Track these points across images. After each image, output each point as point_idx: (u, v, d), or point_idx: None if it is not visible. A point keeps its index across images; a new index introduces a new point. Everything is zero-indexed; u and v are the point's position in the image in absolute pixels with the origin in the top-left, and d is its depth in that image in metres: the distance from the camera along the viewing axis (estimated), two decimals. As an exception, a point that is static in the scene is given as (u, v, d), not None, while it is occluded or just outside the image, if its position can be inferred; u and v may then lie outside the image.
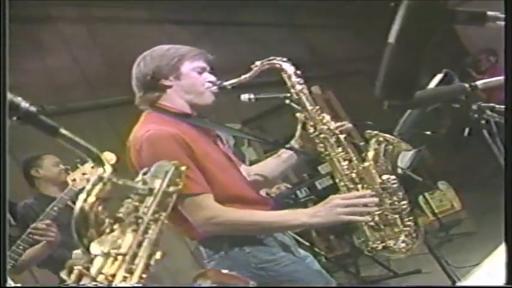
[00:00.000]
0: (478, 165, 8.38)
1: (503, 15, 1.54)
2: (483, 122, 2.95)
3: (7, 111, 1.48)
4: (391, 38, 1.47)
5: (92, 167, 4.39)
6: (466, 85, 2.70)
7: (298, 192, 7.97)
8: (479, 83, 2.71)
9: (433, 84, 2.84)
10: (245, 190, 3.07)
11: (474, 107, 2.89)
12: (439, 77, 2.88)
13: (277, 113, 8.23)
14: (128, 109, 3.19)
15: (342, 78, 12.18)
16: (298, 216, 2.93)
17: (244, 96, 3.34)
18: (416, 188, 7.88)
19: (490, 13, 1.54)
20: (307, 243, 6.63)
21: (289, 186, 6.93)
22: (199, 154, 2.87)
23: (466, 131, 3.13)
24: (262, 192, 3.41)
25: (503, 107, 2.86)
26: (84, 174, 4.51)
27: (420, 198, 8.85)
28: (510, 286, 1.56)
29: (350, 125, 3.17)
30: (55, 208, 4.55)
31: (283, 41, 11.10)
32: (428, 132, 5.67)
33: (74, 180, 4.52)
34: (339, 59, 12.44)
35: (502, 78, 2.72)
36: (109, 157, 3.24)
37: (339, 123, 3.15)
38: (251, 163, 6.45)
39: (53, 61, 7.45)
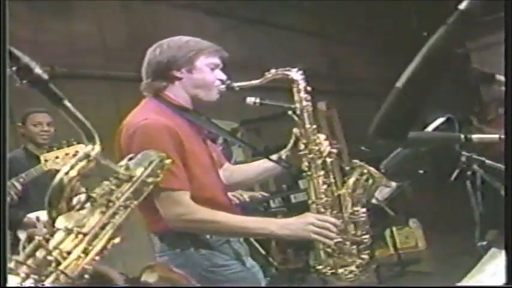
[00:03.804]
0: (454, 210, 8.31)
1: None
2: (469, 173, 2.89)
3: (7, 115, 1.45)
4: (400, 83, 1.39)
5: (67, 154, 4.44)
6: (462, 136, 2.64)
7: (271, 201, 7.85)
8: (474, 136, 2.66)
9: (433, 126, 2.78)
10: (219, 194, 3.01)
11: (463, 158, 2.83)
12: (440, 120, 2.82)
13: (277, 120, 8.11)
14: (136, 87, 3.08)
15: (353, 98, 12.06)
16: (269, 226, 2.90)
17: (250, 99, 3.23)
18: (386, 220, 7.83)
19: (498, 76, 1.47)
20: (263, 252, 6.56)
21: (265, 194, 6.87)
22: (188, 152, 2.80)
23: (454, 175, 3.08)
24: (232, 196, 3.35)
25: (492, 163, 2.81)
26: (56, 158, 4.48)
27: (387, 230, 8.76)
28: (510, 286, 1.51)
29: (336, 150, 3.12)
30: (20, 180, 4.54)
31: (307, 48, 10.96)
32: (421, 171, 5.63)
33: (46, 160, 4.50)
34: (356, 78, 12.27)
35: (496, 136, 2.67)
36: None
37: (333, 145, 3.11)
38: (236, 164, 6.37)
39: (78, 25, 7.34)
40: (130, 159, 1.67)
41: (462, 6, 1.35)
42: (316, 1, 10.44)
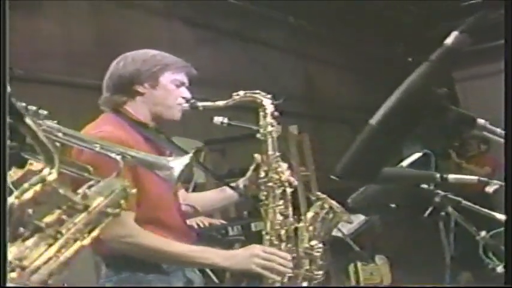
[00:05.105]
0: (424, 248, 8.30)
1: (491, 127, 1.45)
2: (443, 213, 2.88)
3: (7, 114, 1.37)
4: (374, 120, 1.35)
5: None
6: (437, 175, 2.62)
7: (230, 228, 7.76)
8: (451, 177, 2.65)
9: (408, 161, 2.76)
10: (171, 216, 2.95)
11: (437, 199, 2.81)
12: (416, 155, 2.80)
13: (243, 141, 8.01)
14: (96, 97, 3.03)
15: (327, 123, 12.00)
16: (211, 256, 2.86)
17: (218, 119, 3.23)
18: (351, 255, 7.79)
19: (479, 120, 1.45)
20: (217, 281, 6.50)
21: (224, 222, 6.83)
22: (141, 170, 2.66)
23: (427, 212, 3.06)
24: (190, 222, 3.30)
25: (469, 204, 2.80)
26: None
27: (351, 265, 8.70)
28: (510, 286, 1.49)
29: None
30: None
31: (284, 67, 10.87)
32: (392, 205, 5.64)
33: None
34: (333, 102, 12.18)
35: (475, 178, 2.67)
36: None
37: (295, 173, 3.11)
38: (196, 186, 6.30)
39: (45, 26, 7.19)
40: (90, 186, 1.59)
41: (449, 41, 1.32)
42: (301, 18, 10.39)
